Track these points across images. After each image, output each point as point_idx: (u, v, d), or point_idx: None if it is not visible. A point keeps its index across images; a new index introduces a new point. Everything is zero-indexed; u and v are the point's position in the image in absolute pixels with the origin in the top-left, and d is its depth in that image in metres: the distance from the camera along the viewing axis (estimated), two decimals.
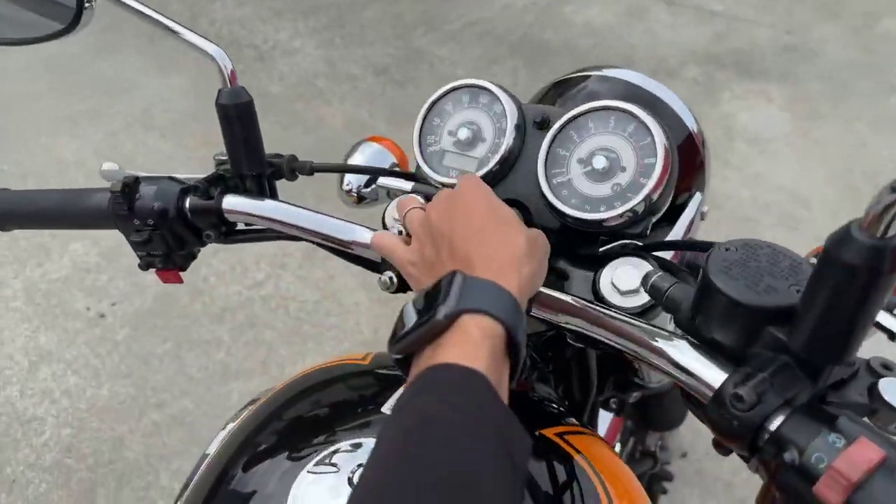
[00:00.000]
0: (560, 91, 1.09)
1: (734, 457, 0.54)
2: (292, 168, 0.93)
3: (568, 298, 0.71)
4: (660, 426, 1.58)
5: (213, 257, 2.85)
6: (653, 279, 0.65)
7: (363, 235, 0.81)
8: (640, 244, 0.78)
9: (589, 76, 1.11)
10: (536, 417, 0.84)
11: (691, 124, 1.06)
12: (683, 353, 0.58)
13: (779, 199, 3.31)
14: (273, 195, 0.93)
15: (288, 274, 2.83)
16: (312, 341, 2.60)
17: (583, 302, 0.70)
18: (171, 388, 2.47)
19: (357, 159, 1.18)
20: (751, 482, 2.35)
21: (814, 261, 0.45)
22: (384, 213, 0.91)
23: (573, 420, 0.85)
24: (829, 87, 4.08)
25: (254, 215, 0.88)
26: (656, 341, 0.61)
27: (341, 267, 2.86)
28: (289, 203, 0.89)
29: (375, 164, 1.17)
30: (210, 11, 4.59)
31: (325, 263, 2.84)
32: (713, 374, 0.54)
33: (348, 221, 0.84)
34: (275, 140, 3.45)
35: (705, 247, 0.70)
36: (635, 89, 1.06)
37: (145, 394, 2.46)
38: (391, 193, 1.18)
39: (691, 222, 0.99)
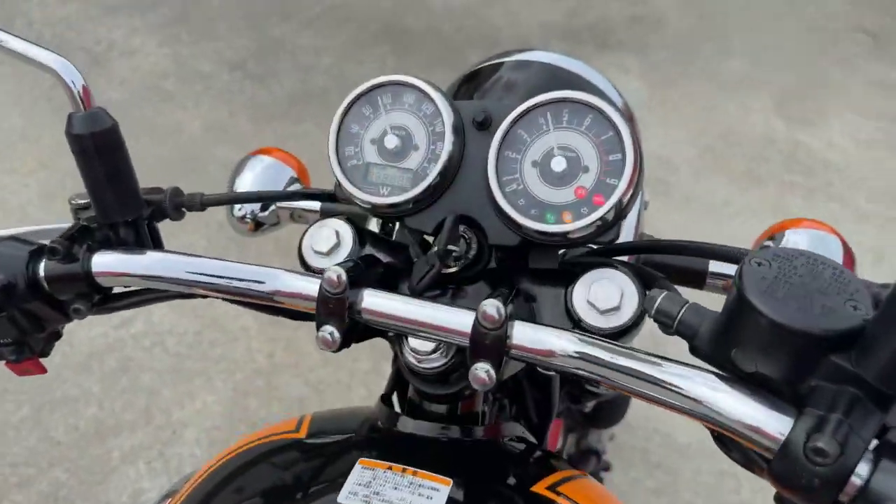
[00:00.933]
0: (474, 84, 0.98)
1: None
2: (177, 204, 0.74)
3: (563, 339, 0.59)
4: (605, 424, 1.54)
5: None
6: (659, 301, 0.56)
7: (287, 282, 0.66)
8: (616, 253, 0.70)
9: (502, 63, 1.02)
10: (522, 472, 0.73)
11: (619, 102, 0.99)
12: (730, 396, 0.49)
13: (649, 165, 3.45)
14: (156, 244, 0.74)
15: (160, 306, 2.53)
16: (200, 378, 2.34)
17: (582, 337, 0.59)
18: (35, 461, 2.12)
19: (247, 178, 1.00)
20: (665, 446, 2.43)
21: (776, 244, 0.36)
22: (301, 245, 0.76)
23: (556, 462, 0.76)
24: (676, 54, 4.31)
25: (135, 275, 0.69)
26: (689, 383, 0.51)
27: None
28: (178, 252, 0.71)
29: (270, 182, 1.01)
30: (26, 10, 4.02)
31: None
32: (775, 422, 0.46)
33: (260, 266, 0.68)
34: None
35: (723, 255, 0.61)
36: (556, 71, 0.97)
37: (2, 473, 2.09)
38: (296, 214, 1.03)
39: (639, 214, 0.92)
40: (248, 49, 3.86)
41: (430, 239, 0.74)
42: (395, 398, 0.84)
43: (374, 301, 0.63)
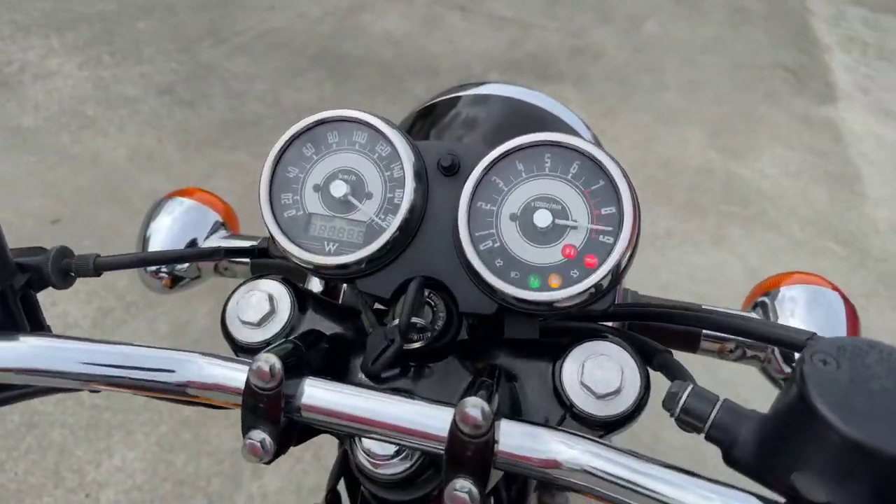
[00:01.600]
0: (431, 122, 0.87)
1: None
2: (63, 269, 0.59)
3: (570, 446, 0.46)
4: None
5: None
6: (685, 399, 0.45)
7: (204, 370, 0.52)
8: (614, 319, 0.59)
9: (459, 98, 0.91)
10: None
11: (586, 133, 0.91)
12: None
13: None
14: (34, 323, 0.59)
15: None
16: (119, 432, 2.11)
17: (595, 448, 0.46)
18: None
19: (162, 225, 0.85)
20: None
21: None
22: (224, 313, 0.62)
23: None
24: (615, 86, 4.37)
25: (6, 369, 0.53)
26: None
27: (143, 330, 2.38)
28: (61, 337, 0.55)
29: (190, 229, 0.86)
30: None
31: (121, 330, 2.35)
32: None
33: (171, 350, 0.53)
34: (34, 186, 2.82)
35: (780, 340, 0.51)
36: (518, 105, 0.88)
37: None
38: (221, 267, 0.88)
39: None
40: (177, 73, 3.65)
41: (387, 304, 0.62)
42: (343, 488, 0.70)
43: (319, 395, 0.50)
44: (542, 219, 0.55)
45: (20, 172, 2.93)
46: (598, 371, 0.54)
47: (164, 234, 0.85)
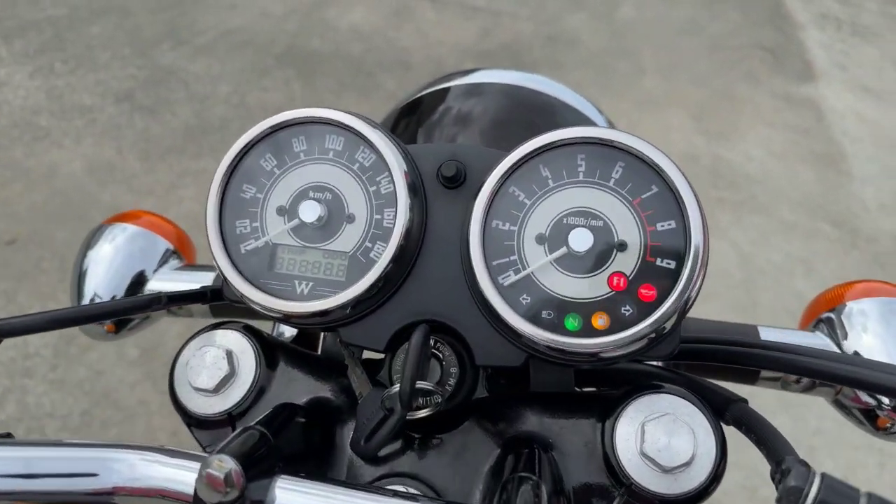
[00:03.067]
0: (416, 121, 0.73)
1: None
2: None
3: None
4: None
5: None
6: (813, 495, 0.32)
7: (137, 472, 0.38)
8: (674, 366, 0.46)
9: (447, 90, 0.78)
10: None
11: (602, 122, 0.78)
12: None
13: None
14: None
15: (36, 382, 2.11)
16: None
17: None
18: None
19: (103, 255, 0.71)
20: None
21: None
22: (173, 376, 0.48)
23: None
24: (591, 73, 4.27)
25: None
26: None
27: (111, 356, 2.21)
28: None
29: (135, 260, 0.72)
30: None
31: (86, 357, 2.17)
32: None
33: (94, 444, 0.39)
34: None
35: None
36: (519, 93, 0.74)
37: None
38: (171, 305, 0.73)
39: None
40: (136, 78, 3.45)
41: (379, 356, 0.49)
42: None
43: (295, 501, 0.37)
44: (580, 239, 0.42)
45: None
46: (664, 437, 0.41)
47: (105, 267, 0.71)
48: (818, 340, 0.61)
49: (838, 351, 0.60)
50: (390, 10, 4.48)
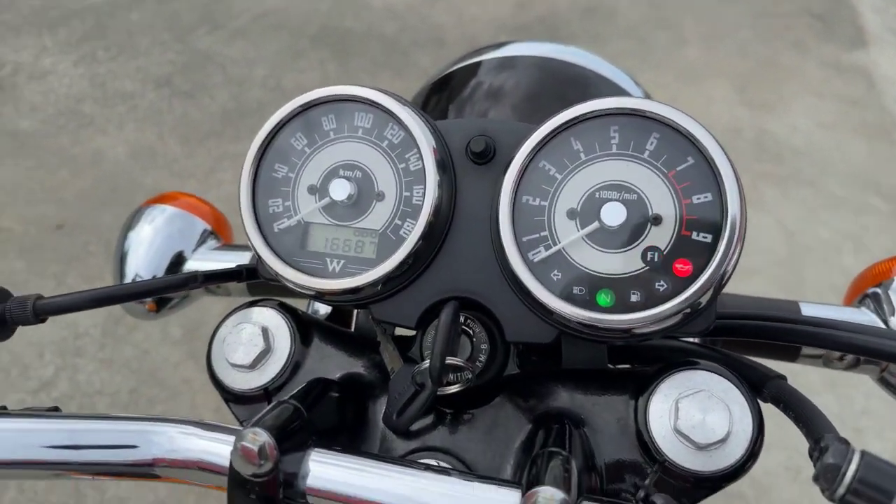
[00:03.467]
0: (447, 96, 0.72)
1: None
2: None
3: None
4: None
5: None
6: (851, 471, 0.31)
7: (176, 444, 0.39)
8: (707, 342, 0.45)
9: (479, 64, 0.76)
10: None
11: (639, 94, 0.76)
12: None
13: None
14: None
15: (86, 361, 2.19)
16: None
17: None
18: None
19: (143, 236, 0.73)
20: None
21: None
22: (210, 352, 0.49)
23: None
24: (632, 44, 4.16)
25: None
26: None
27: (157, 336, 2.28)
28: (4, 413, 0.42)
29: (174, 240, 0.73)
30: None
31: (133, 336, 2.25)
32: None
33: (134, 418, 0.41)
34: (35, 192, 2.71)
35: None
36: (553, 65, 0.73)
37: None
38: (212, 285, 0.75)
39: None
40: (174, 64, 3.51)
41: (411, 332, 0.49)
42: None
43: (329, 474, 0.37)
44: (613, 213, 0.41)
45: (20, 178, 2.83)
46: (699, 413, 0.40)
47: (145, 248, 0.73)
48: (863, 316, 0.59)
49: (883, 327, 0.58)
50: None
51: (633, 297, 0.41)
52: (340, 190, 0.45)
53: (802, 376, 2.52)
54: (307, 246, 0.46)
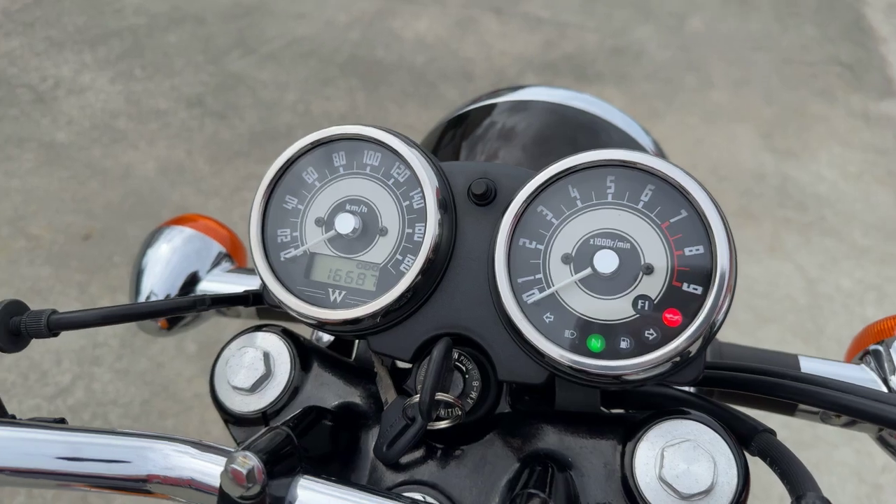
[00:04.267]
0: (461, 135, 0.75)
1: None
2: (12, 329, 0.48)
3: None
4: None
5: None
6: None
7: (170, 461, 0.40)
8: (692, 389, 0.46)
9: (493, 106, 0.79)
10: None
11: (648, 144, 0.77)
12: None
13: None
14: None
15: (103, 371, 2.23)
16: None
17: None
18: None
19: (161, 255, 0.75)
20: None
21: None
22: (213, 374, 0.51)
23: None
24: (658, 86, 4.19)
25: None
26: None
27: (172, 350, 2.31)
28: (4, 421, 0.44)
29: (190, 261, 0.76)
30: None
31: (149, 349, 2.28)
32: None
33: (130, 433, 0.42)
34: (66, 202, 2.78)
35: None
36: (566, 112, 0.75)
37: None
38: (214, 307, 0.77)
39: None
40: (207, 85, 3.61)
41: (409, 365, 0.50)
42: None
43: (315, 501, 0.38)
44: (606, 261, 0.42)
45: (53, 188, 2.92)
46: (683, 463, 0.41)
47: (161, 267, 0.75)
48: (862, 374, 0.59)
49: (882, 386, 0.57)
50: (454, 22, 4.53)
51: (623, 344, 0.41)
52: (346, 224, 0.47)
53: (822, 428, 2.47)
54: (311, 276, 0.48)
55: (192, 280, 0.74)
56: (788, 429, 2.27)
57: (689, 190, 0.41)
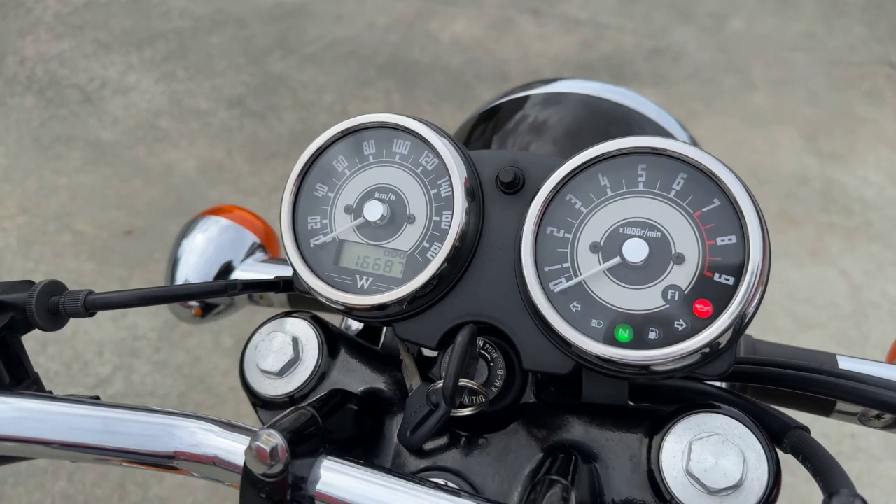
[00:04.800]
0: (492, 127, 0.74)
1: None
2: (51, 308, 0.49)
3: None
4: None
5: (40, 355, 2.25)
6: None
7: (196, 439, 0.41)
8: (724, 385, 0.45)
9: (526, 98, 0.78)
10: None
11: (683, 137, 0.76)
12: None
13: None
14: (17, 372, 0.50)
15: (141, 362, 2.28)
16: None
17: None
18: None
19: (196, 245, 0.77)
20: None
21: None
22: (243, 359, 0.52)
23: None
24: (697, 87, 4.11)
25: None
26: None
27: (209, 344, 2.36)
28: (30, 395, 0.45)
29: (225, 250, 0.77)
30: (20, 48, 3.88)
31: (186, 343, 2.33)
32: None
33: (157, 411, 0.43)
34: (109, 198, 2.85)
35: None
36: (600, 104, 0.74)
37: None
38: (255, 295, 0.79)
39: None
40: (248, 85, 3.68)
41: (434, 353, 0.50)
42: None
43: (337, 481, 0.39)
44: (636, 250, 0.41)
45: (97, 184, 3.01)
46: (711, 457, 0.40)
47: (197, 255, 0.77)
48: None
49: None
50: (491, 23, 4.53)
51: (652, 335, 0.41)
52: (374, 211, 0.47)
53: (863, 440, 2.38)
54: (340, 262, 0.49)
55: (227, 269, 0.76)
56: (828, 439, 2.20)
57: (722, 178, 0.40)
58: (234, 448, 0.39)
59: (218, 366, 2.30)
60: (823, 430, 2.24)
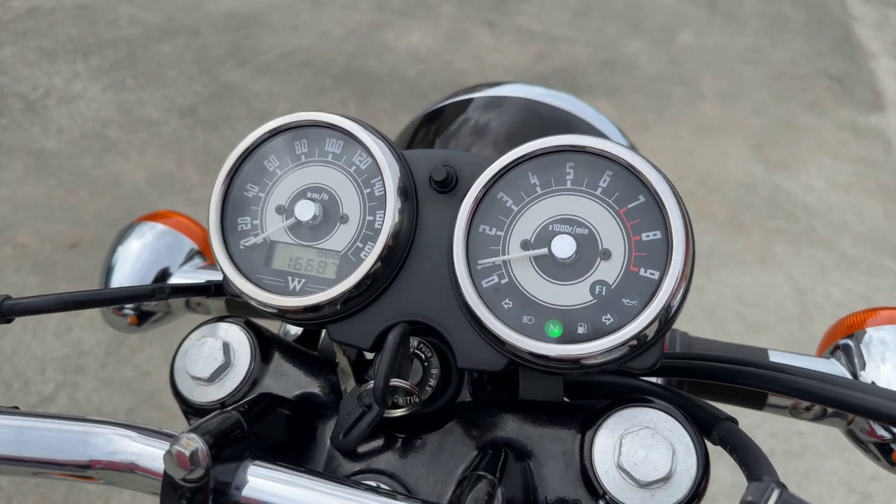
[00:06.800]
0: (436, 128, 0.75)
1: None
2: None
3: None
4: None
5: None
6: None
7: (114, 446, 0.39)
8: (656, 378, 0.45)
9: (469, 101, 0.79)
10: None
11: (621, 142, 0.77)
12: None
13: None
14: None
15: (87, 379, 2.20)
16: None
17: None
18: None
19: (131, 251, 0.74)
20: None
21: None
22: (173, 366, 0.50)
23: None
24: (649, 98, 4.22)
25: None
26: None
27: (158, 359, 2.29)
28: None
29: (161, 256, 0.75)
30: None
31: (135, 357, 2.26)
32: None
33: (73, 419, 0.41)
34: (54, 210, 2.76)
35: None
36: (539, 108, 0.75)
37: None
38: (193, 302, 0.77)
39: None
40: (200, 95, 3.62)
41: (371, 354, 0.50)
42: None
43: (262, 486, 0.37)
44: (564, 247, 0.42)
45: (41, 196, 2.90)
46: (641, 450, 0.40)
47: (132, 262, 0.74)
48: (831, 367, 0.59)
49: (850, 378, 0.57)
50: (447, 35, 4.56)
51: (581, 329, 0.41)
52: (306, 211, 0.47)
53: (810, 438, 2.45)
54: (271, 264, 0.48)
55: (163, 276, 0.74)
56: (776, 438, 2.26)
57: (646, 175, 0.41)
58: (153, 454, 0.38)
59: (167, 378, 2.23)
60: (773, 429, 2.30)
